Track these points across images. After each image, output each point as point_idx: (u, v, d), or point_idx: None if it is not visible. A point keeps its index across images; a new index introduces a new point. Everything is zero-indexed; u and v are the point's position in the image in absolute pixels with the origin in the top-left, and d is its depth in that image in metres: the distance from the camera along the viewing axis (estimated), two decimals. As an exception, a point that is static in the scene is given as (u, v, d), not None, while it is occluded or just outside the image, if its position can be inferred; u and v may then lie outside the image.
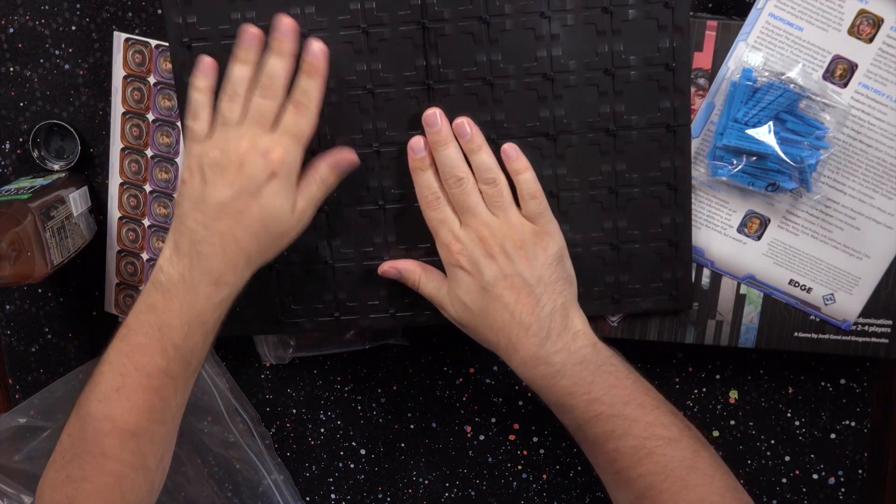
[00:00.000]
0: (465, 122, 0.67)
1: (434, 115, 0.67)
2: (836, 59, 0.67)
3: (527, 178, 0.66)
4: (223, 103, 0.64)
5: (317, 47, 0.64)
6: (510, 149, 0.67)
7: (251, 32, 0.64)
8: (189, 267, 0.62)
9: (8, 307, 0.83)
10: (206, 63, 0.65)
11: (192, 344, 0.63)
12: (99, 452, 0.61)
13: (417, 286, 0.69)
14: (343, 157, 0.67)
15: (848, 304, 0.71)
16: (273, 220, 0.63)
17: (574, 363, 0.62)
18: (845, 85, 0.68)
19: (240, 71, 0.64)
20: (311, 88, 0.63)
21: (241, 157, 0.61)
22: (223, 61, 0.69)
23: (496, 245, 0.64)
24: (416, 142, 0.67)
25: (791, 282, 0.71)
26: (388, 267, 0.70)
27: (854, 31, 0.67)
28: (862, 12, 0.66)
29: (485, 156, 0.66)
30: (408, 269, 0.70)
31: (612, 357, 0.64)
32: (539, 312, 0.63)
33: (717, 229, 0.71)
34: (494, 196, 0.65)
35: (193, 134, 0.64)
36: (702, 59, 0.69)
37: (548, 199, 0.69)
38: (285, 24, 0.63)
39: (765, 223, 0.71)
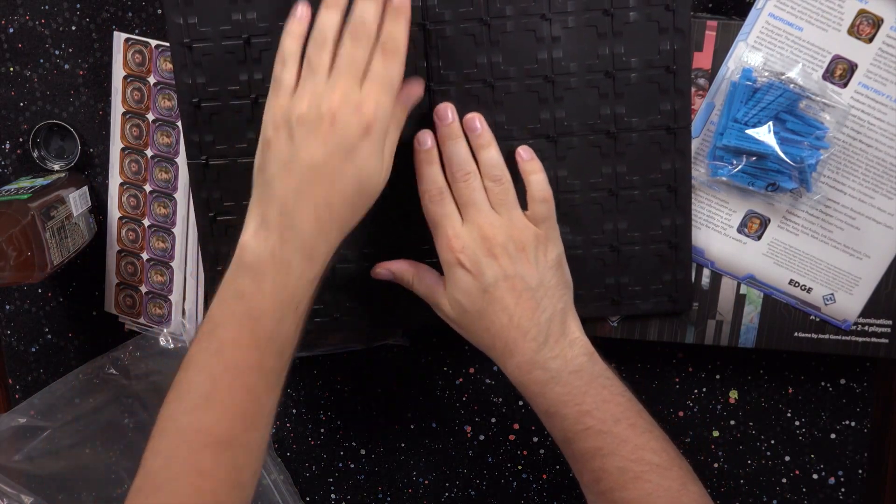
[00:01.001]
0: (475, 118, 0.65)
1: (446, 109, 0.65)
2: (836, 59, 0.67)
3: (539, 178, 0.65)
4: (311, 51, 0.58)
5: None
6: (524, 151, 0.66)
7: None
8: (280, 241, 0.57)
9: (8, 307, 0.82)
10: (302, 11, 0.60)
11: (286, 331, 0.58)
12: (195, 472, 0.55)
13: (411, 286, 0.68)
14: (412, 92, 0.62)
15: (848, 304, 0.71)
16: (368, 180, 0.58)
17: (569, 371, 0.61)
18: (845, 85, 0.68)
19: (329, 17, 0.58)
20: (399, 33, 0.58)
21: (334, 111, 0.56)
22: (225, 62, 0.69)
23: (499, 244, 0.62)
24: (424, 134, 0.65)
25: (791, 282, 0.71)
26: (381, 269, 0.69)
27: (854, 31, 0.67)
28: (862, 12, 0.66)
29: (493, 152, 0.64)
30: (400, 269, 0.68)
31: (608, 371, 0.63)
32: (539, 317, 0.62)
33: (717, 229, 0.71)
34: (500, 194, 0.63)
35: (280, 84, 0.59)
36: (702, 60, 0.69)
37: (548, 200, 0.69)
38: None
39: (765, 223, 0.71)
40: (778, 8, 0.67)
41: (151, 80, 0.75)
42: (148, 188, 0.78)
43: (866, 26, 0.67)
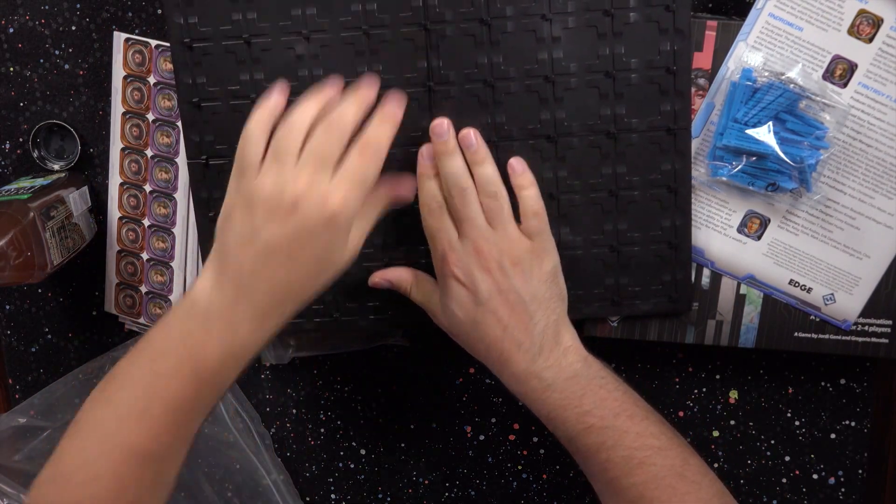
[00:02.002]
0: (471, 133, 0.65)
1: (442, 125, 0.65)
2: (836, 59, 0.67)
3: (531, 194, 0.65)
4: (281, 134, 0.58)
5: (399, 97, 0.61)
6: (517, 163, 0.66)
7: (334, 82, 0.61)
8: (233, 303, 0.57)
9: (8, 307, 0.82)
10: (277, 100, 0.60)
11: (227, 372, 0.59)
12: (116, 478, 0.57)
13: (409, 294, 0.69)
14: (398, 193, 0.65)
15: (848, 304, 0.71)
16: (329, 265, 0.59)
17: (565, 378, 0.63)
18: (845, 85, 0.68)
19: (308, 106, 0.59)
20: (384, 136, 0.59)
21: (297, 197, 0.56)
22: (225, 62, 0.69)
23: (493, 259, 0.63)
24: (428, 149, 0.65)
25: (791, 282, 0.71)
26: (379, 279, 0.70)
27: (854, 30, 0.67)
28: (862, 12, 0.66)
29: (489, 168, 0.65)
30: (399, 277, 0.69)
31: (603, 370, 0.64)
32: (532, 329, 0.63)
33: (717, 229, 0.71)
34: (495, 209, 0.64)
35: (244, 162, 0.59)
36: (702, 60, 0.69)
37: (548, 201, 0.69)
38: (372, 77, 0.61)
39: (765, 223, 0.71)
40: (778, 8, 0.67)
41: (151, 80, 0.75)
42: (148, 188, 0.78)
43: (866, 26, 0.67)
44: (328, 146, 0.57)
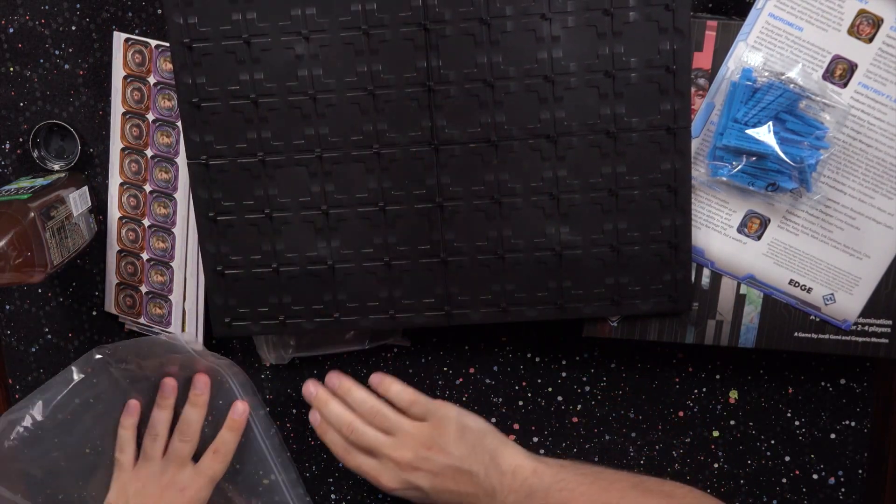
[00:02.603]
0: (331, 376, 0.77)
1: (308, 390, 0.77)
2: (836, 59, 0.67)
3: (396, 391, 0.75)
4: (147, 441, 0.76)
5: (241, 408, 0.77)
6: (373, 378, 0.76)
7: (170, 385, 0.77)
8: None
9: (8, 307, 0.82)
10: (132, 405, 0.77)
11: None
12: None
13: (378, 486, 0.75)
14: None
15: (848, 304, 0.71)
16: None
17: (523, 498, 0.68)
18: (845, 85, 0.68)
19: (159, 414, 0.76)
20: (231, 441, 0.77)
21: (161, 489, 0.75)
22: (225, 62, 0.69)
23: (413, 459, 0.71)
24: (312, 414, 0.77)
25: (791, 282, 0.71)
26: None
27: (854, 31, 0.67)
28: (862, 12, 0.66)
29: (356, 393, 0.75)
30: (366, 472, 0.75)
31: (560, 472, 0.68)
32: (478, 481, 0.69)
33: (717, 229, 0.71)
34: (383, 421, 0.73)
35: (121, 465, 0.76)
36: (702, 60, 0.69)
37: (548, 201, 0.70)
38: (202, 381, 0.76)
39: (765, 223, 0.71)
40: (778, 8, 0.67)
41: (151, 80, 0.75)
42: (148, 188, 0.78)
43: (866, 26, 0.67)
44: (181, 450, 0.76)
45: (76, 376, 0.77)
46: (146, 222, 0.79)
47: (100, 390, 0.77)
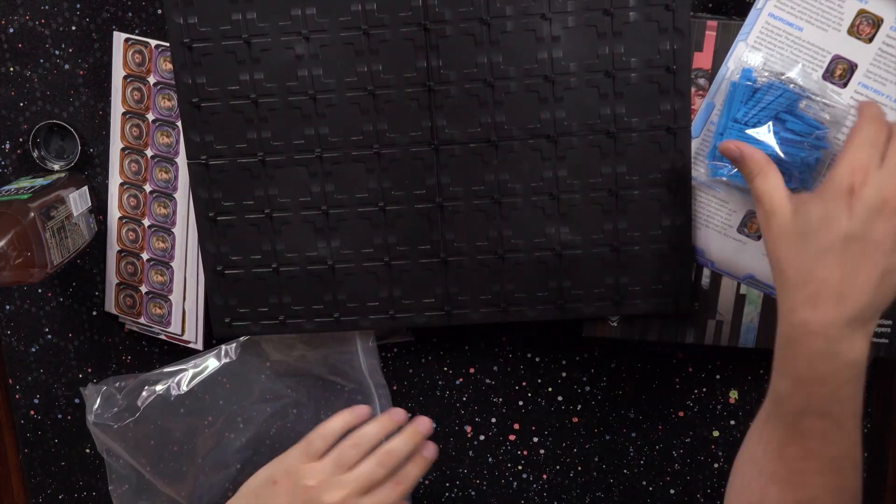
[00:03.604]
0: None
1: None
2: (836, 59, 0.67)
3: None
4: (346, 446, 0.69)
5: (433, 450, 0.72)
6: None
7: (403, 415, 0.72)
8: None
9: (8, 307, 0.82)
10: (363, 410, 0.72)
11: None
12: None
13: (750, 180, 0.60)
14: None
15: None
16: None
17: (859, 362, 0.56)
18: (845, 85, 0.68)
19: (374, 430, 0.70)
20: (414, 475, 0.70)
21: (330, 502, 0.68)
22: (225, 62, 0.69)
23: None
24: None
25: (791, 282, 0.71)
26: (733, 146, 0.61)
27: (854, 30, 0.67)
28: (861, 12, 0.66)
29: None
30: (752, 155, 0.61)
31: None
32: (873, 296, 0.55)
33: (717, 229, 0.71)
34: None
35: (310, 448, 0.70)
36: (702, 59, 0.69)
37: (548, 201, 0.70)
38: (427, 424, 0.71)
39: (764, 223, 0.71)
40: (778, 8, 0.67)
41: (151, 80, 0.75)
42: (148, 188, 0.78)
43: (866, 26, 0.67)
44: (375, 475, 0.68)
45: (228, 357, 0.78)
46: (146, 222, 0.79)
47: (246, 374, 0.79)
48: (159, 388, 0.78)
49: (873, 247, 0.54)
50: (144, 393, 0.78)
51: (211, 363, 0.79)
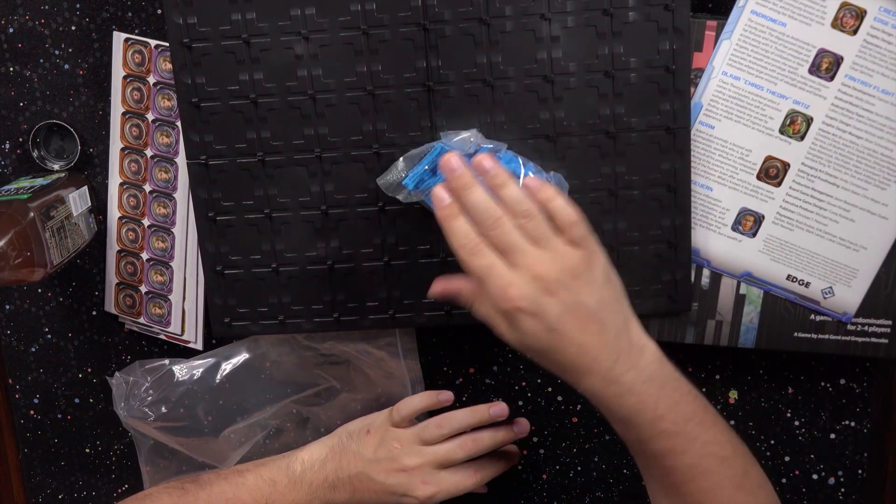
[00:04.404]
0: (485, 158, 0.62)
1: (452, 160, 0.62)
2: (822, 53, 0.67)
3: (560, 204, 0.61)
4: (433, 424, 0.74)
5: (514, 451, 0.77)
6: (531, 181, 0.62)
7: (505, 408, 0.74)
8: (331, 487, 0.73)
9: (8, 307, 0.83)
10: (447, 395, 0.76)
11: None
12: None
13: (470, 308, 0.64)
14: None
15: (847, 296, 0.71)
16: None
17: (642, 381, 0.60)
18: (832, 78, 0.68)
19: (465, 417, 0.74)
20: (494, 471, 0.75)
21: (406, 467, 0.72)
22: (225, 62, 0.69)
23: (554, 280, 0.59)
24: (440, 191, 0.62)
25: (789, 277, 0.71)
26: (441, 289, 0.65)
27: (838, 23, 0.67)
28: (844, 4, 0.66)
29: (514, 189, 0.61)
30: (458, 288, 0.64)
31: (675, 371, 0.62)
32: (606, 338, 0.60)
33: (711, 228, 0.71)
34: (536, 229, 0.60)
35: (391, 418, 0.75)
36: (701, 59, 0.69)
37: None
38: (522, 427, 0.76)
39: (759, 220, 0.71)
40: (760, 5, 0.67)
41: (151, 80, 0.76)
42: (148, 188, 0.78)
43: (850, 18, 0.67)
44: (454, 456, 0.73)
45: (249, 353, 0.79)
46: (146, 222, 0.79)
47: (280, 363, 0.80)
48: (191, 376, 0.80)
49: (568, 316, 0.59)
50: (175, 382, 0.80)
51: (244, 354, 0.80)
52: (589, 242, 0.61)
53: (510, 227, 0.60)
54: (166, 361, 0.79)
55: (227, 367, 0.79)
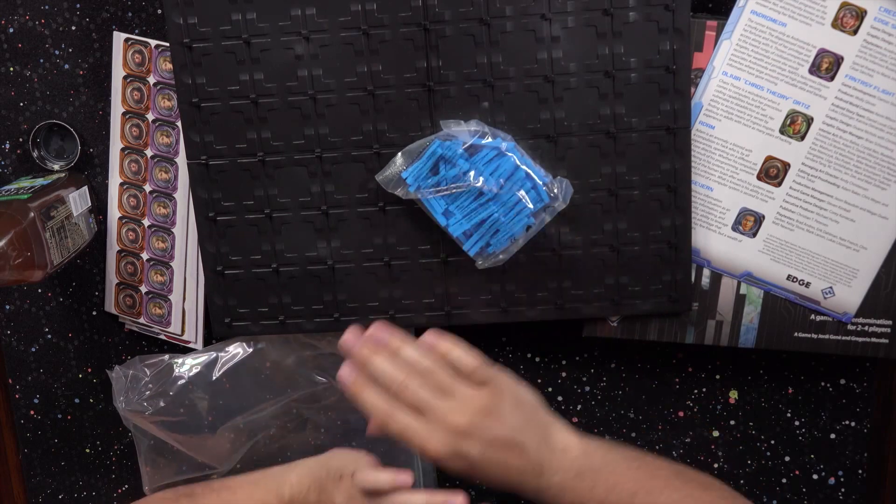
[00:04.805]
0: (376, 330, 0.67)
1: (347, 340, 0.68)
2: (822, 53, 0.67)
3: (458, 354, 0.66)
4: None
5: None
6: (428, 337, 0.67)
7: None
8: None
9: (8, 307, 0.83)
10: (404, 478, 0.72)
11: None
12: None
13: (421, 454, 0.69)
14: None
15: (847, 296, 0.71)
16: None
17: (572, 478, 0.65)
18: (832, 78, 0.68)
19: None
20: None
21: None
22: (225, 62, 0.69)
23: (468, 424, 0.64)
24: (344, 371, 0.67)
25: (789, 277, 0.71)
26: (373, 429, 0.69)
27: (838, 23, 0.67)
28: (845, 4, 0.66)
29: (410, 351, 0.67)
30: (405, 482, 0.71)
31: (608, 453, 0.66)
32: (528, 456, 0.65)
33: (711, 228, 0.71)
34: (440, 382, 0.65)
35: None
36: (702, 59, 0.69)
37: (548, 199, 0.70)
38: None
39: (759, 220, 0.71)
40: (760, 5, 0.67)
41: (151, 80, 0.75)
42: (148, 188, 0.78)
43: (850, 18, 0.67)
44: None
45: (251, 347, 0.79)
46: (146, 222, 0.79)
47: (280, 363, 0.79)
48: (189, 370, 0.79)
49: (488, 451, 0.64)
50: (174, 377, 0.79)
51: (241, 349, 0.80)
52: (492, 379, 0.66)
53: (415, 387, 0.65)
54: (166, 357, 0.79)
55: (225, 360, 0.79)
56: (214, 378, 0.79)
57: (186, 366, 0.79)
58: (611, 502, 0.64)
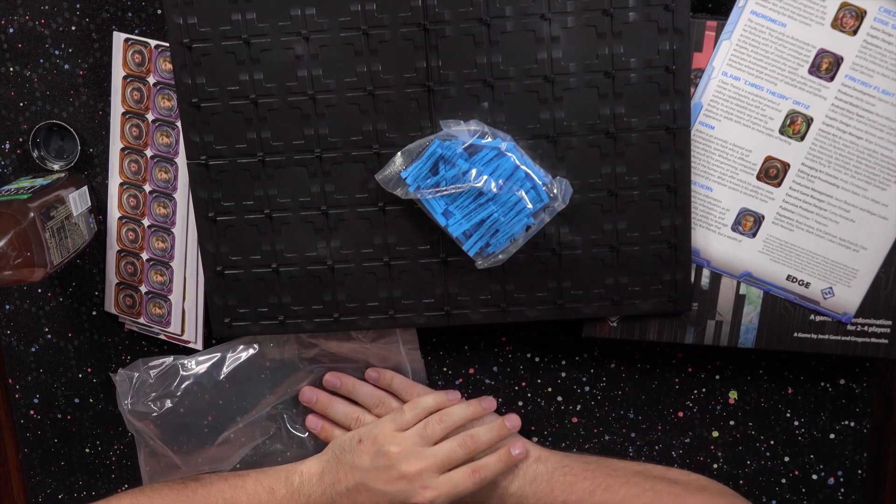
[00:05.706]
0: (330, 378, 0.78)
1: (307, 396, 0.78)
2: (822, 54, 0.67)
3: (398, 384, 0.78)
4: (434, 420, 0.74)
5: (521, 448, 0.73)
6: (370, 373, 0.78)
7: (490, 402, 0.77)
8: (329, 501, 0.74)
9: (8, 307, 0.83)
10: (455, 395, 0.77)
11: None
12: None
13: None
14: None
15: (847, 296, 0.71)
16: None
17: (528, 483, 0.71)
18: (832, 79, 0.68)
19: (462, 410, 0.75)
20: (494, 469, 0.72)
21: (405, 474, 0.71)
22: (225, 63, 0.69)
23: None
24: (311, 420, 0.79)
25: (789, 277, 0.71)
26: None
27: (837, 24, 0.67)
28: (844, 5, 0.66)
29: (362, 389, 0.77)
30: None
31: (563, 458, 0.71)
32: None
33: (711, 228, 0.71)
34: (387, 410, 0.76)
35: (396, 422, 0.74)
36: (702, 60, 0.69)
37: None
38: (513, 421, 0.76)
39: (759, 220, 0.71)
40: (760, 5, 0.67)
41: (151, 80, 0.75)
42: (148, 188, 0.78)
43: (850, 19, 0.67)
44: (456, 456, 0.72)
45: (256, 347, 0.79)
46: (146, 222, 0.79)
47: (280, 363, 0.80)
48: (196, 370, 0.79)
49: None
50: (179, 379, 0.79)
51: (247, 350, 0.80)
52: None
53: (370, 418, 0.76)
54: (170, 358, 0.79)
55: (230, 361, 0.79)
56: (222, 377, 0.79)
57: (193, 366, 0.79)
58: (571, 500, 0.69)
